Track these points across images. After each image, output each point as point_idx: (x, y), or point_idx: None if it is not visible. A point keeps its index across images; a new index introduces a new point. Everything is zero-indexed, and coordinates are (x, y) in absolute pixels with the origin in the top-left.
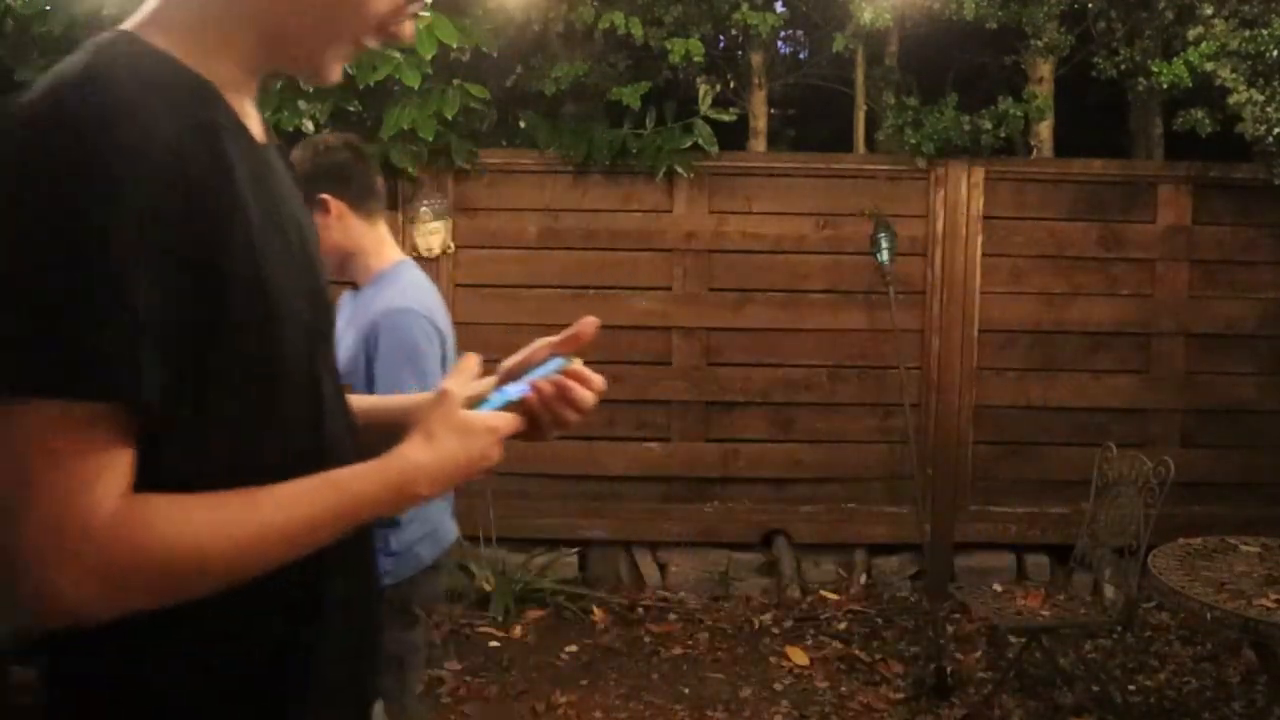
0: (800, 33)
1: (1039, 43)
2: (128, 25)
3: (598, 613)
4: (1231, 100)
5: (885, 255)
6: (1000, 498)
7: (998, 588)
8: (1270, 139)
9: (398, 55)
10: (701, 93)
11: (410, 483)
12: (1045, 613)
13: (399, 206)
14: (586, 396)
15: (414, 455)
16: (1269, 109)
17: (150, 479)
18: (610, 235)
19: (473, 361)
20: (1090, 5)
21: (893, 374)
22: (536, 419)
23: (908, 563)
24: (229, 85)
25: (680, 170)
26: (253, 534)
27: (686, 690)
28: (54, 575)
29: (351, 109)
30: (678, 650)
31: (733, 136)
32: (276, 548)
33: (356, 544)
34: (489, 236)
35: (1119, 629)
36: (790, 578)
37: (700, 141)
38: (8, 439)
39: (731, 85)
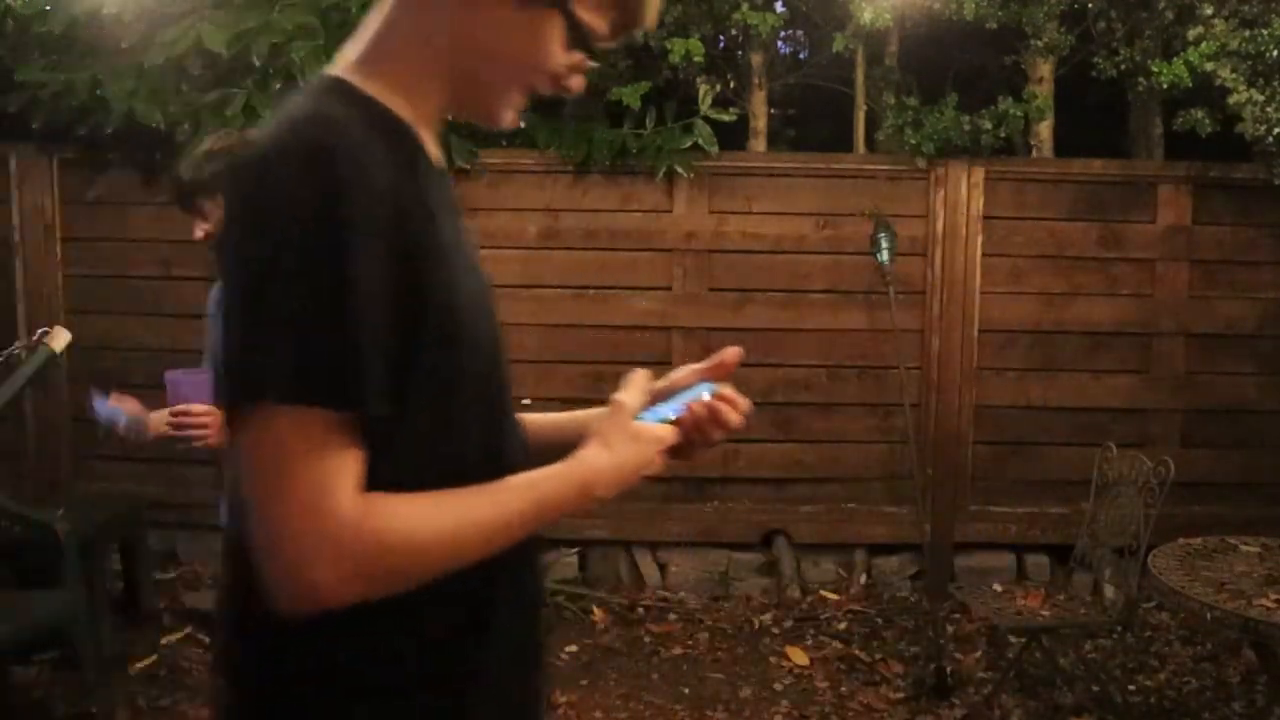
0: (800, 33)
1: (1039, 43)
2: (335, 72)
3: (598, 612)
4: (1231, 100)
5: (885, 255)
6: (1000, 498)
7: (998, 588)
8: (1270, 139)
9: None
10: (701, 93)
11: (591, 485)
12: (1045, 613)
13: None
14: (734, 419)
15: (594, 460)
16: (1269, 109)
17: (367, 482)
18: (610, 235)
19: (642, 377)
20: (1090, 5)
21: (893, 374)
22: (687, 438)
23: (908, 563)
24: (419, 123)
25: (680, 170)
26: (466, 528)
27: (686, 690)
28: (311, 562)
29: None
30: (678, 650)
31: (733, 136)
32: (483, 541)
33: (525, 544)
34: (489, 236)
35: (1119, 629)
36: (790, 578)
37: (700, 141)
38: (264, 440)
39: (731, 85)
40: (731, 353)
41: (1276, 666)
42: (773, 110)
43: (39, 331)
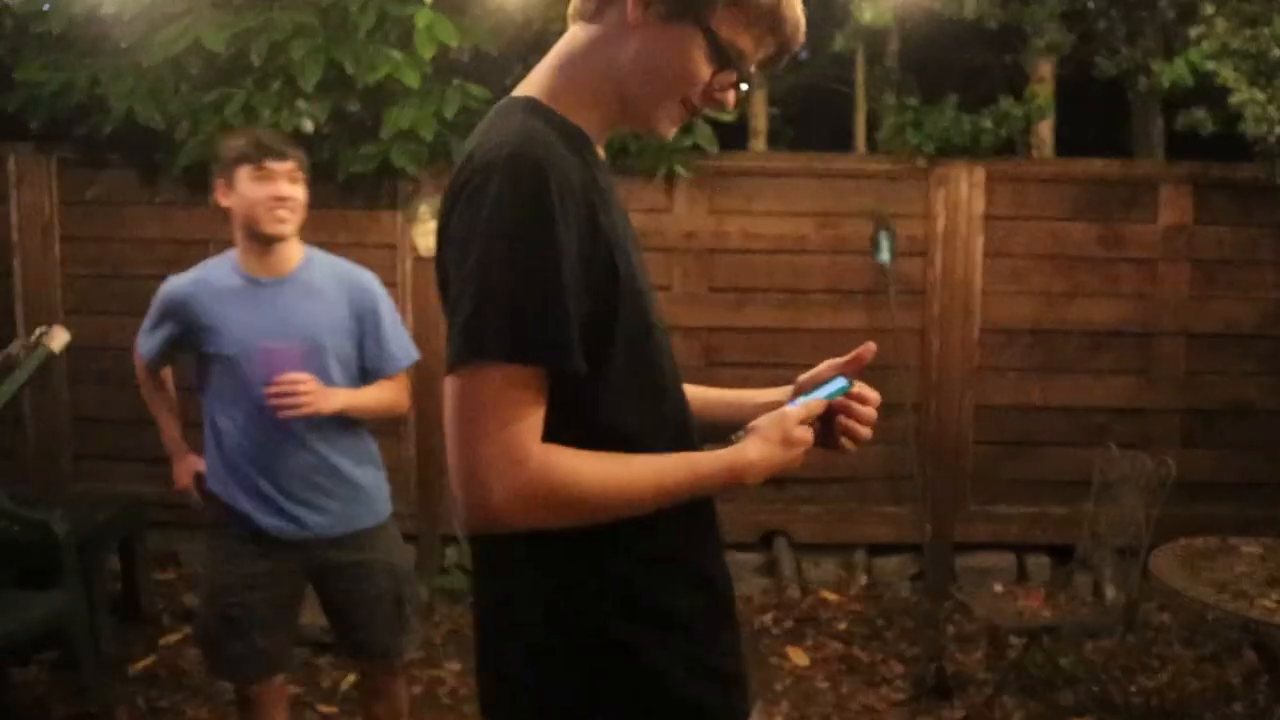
0: None
1: (1039, 42)
2: (523, 92)
3: None
4: (1233, 100)
5: (885, 255)
6: (1000, 498)
7: (998, 588)
8: (1271, 139)
9: (397, 55)
10: None
11: (741, 474)
12: (1046, 613)
13: (399, 206)
14: (870, 414)
15: (752, 454)
16: (1270, 108)
17: (551, 435)
18: None
19: (806, 377)
20: (1091, 5)
21: (893, 374)
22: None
23: (908, 563)
24: (593, 133)
25: (680, 170)
26: (625, 485)
27: None
28: (495, 491)
29: (351, 109)
30: None
31: (733, 136)
32: (637, 499)
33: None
34: None
35: (1120, 629)
36: (790, 578)
37: (700, 141)
38: (476, 389)
39: None
40: (868, 348)
41: (1277, 667)
42: (773, 110)
43: (38, 331)
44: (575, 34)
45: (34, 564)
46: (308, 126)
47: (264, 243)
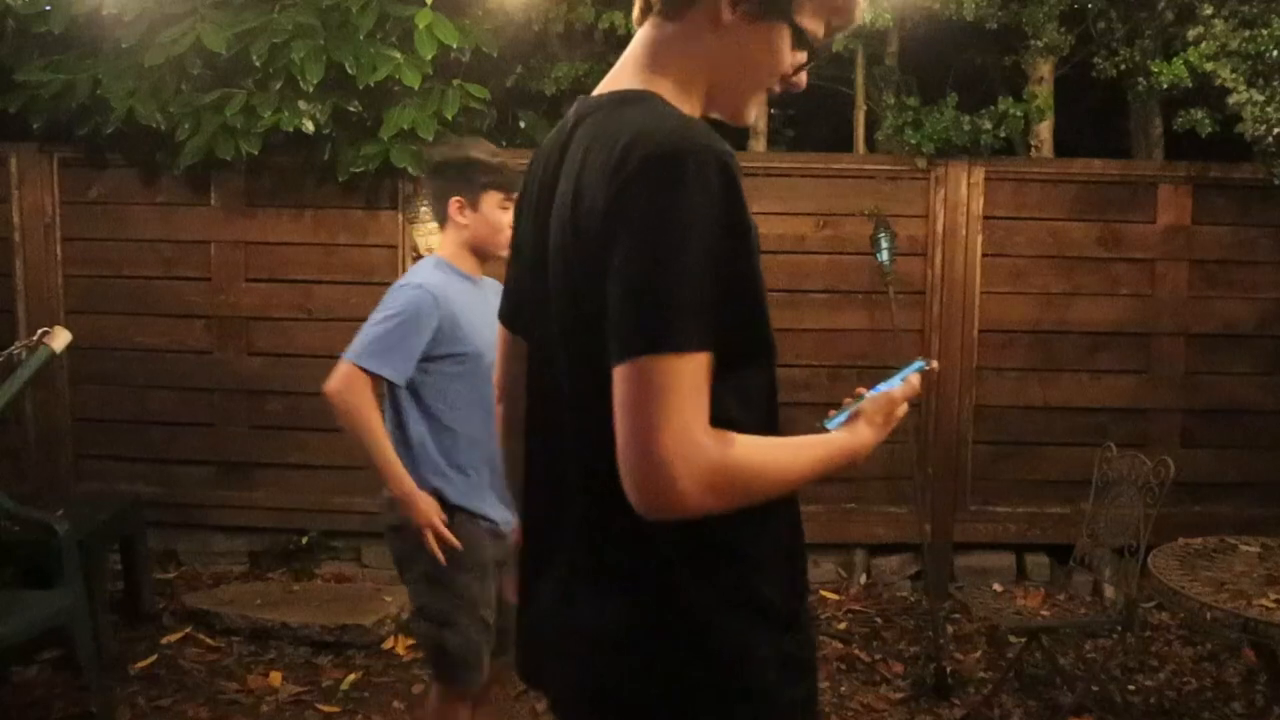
0: None
1: (1039, 43)
2: (613, 88)
3: None
4: (1231, 100)
5: (885, 255)
6: (1000, 498)
7: (998, 588)
8: (1270, 139)
9: (398, 55)
10: None
11: (857, 455)
12: (1045, 613)
13: (399, 206)
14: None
15: (865, 436)
16: (1269, 109)
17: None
18: None
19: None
20: (1090, 5)
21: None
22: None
23: (908, 563)
24: None
25: None
26: (784, 467)
27: None
28: (678, 475)
29: (352, 109)
30: None
31: (732, 137)
32: (791, 481)
33: None
34: None
35: (1119, 629)
36: None
37: None
38: (662, 377)
39: None
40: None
41: (1276, 666)
42: (773, 110)
43: (39, 331)
44: (653, 33)
45: (35, 564)
46: (308, 127)
47: (482, 258)
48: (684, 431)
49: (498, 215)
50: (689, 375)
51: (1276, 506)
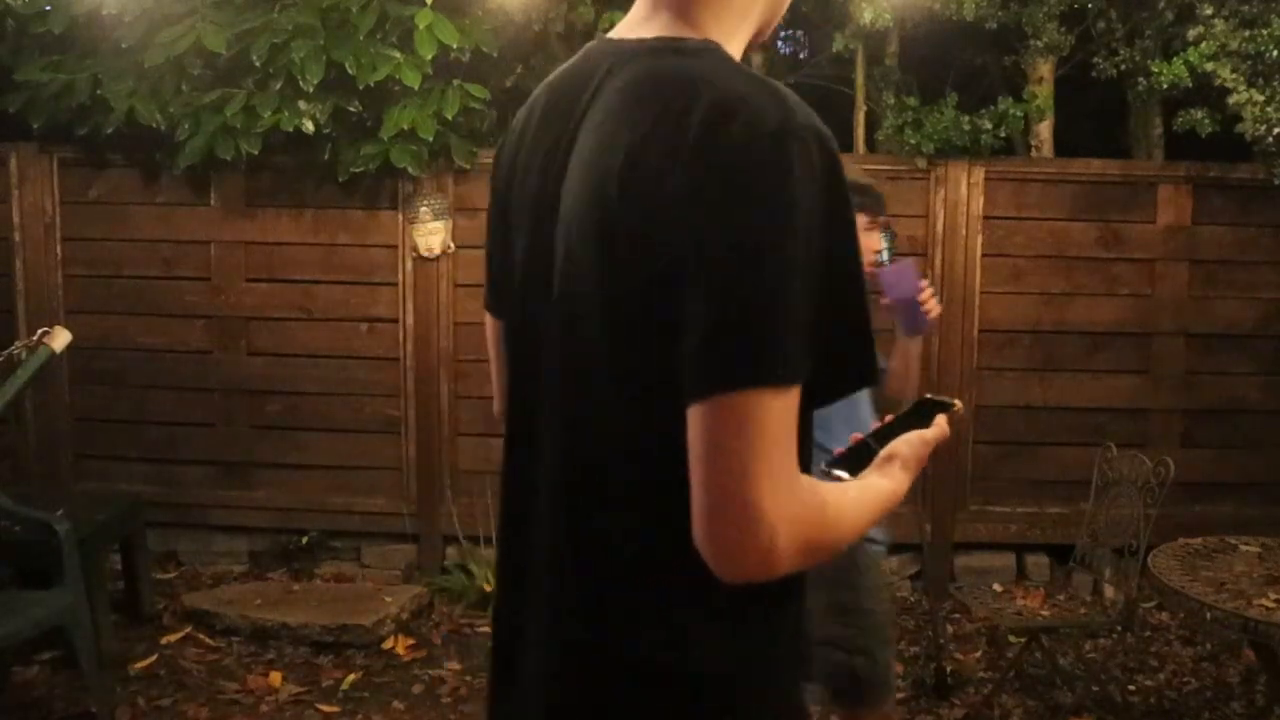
0: (800, 33)
1: (1039, 43)
2: (694, 34)
3: None
4: (1231, 100)
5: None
6: (1000, 498)
7: (998, 588)
8: (1270, 139)
9: (398, 55)
10: None
11: (898, 499)
12: (1045, 613)
13: (399, 206)
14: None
15: (906, 481)
16: (1269, 109)
17: None
18: None
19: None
20: (1090, 5)
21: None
22: None
23: (908, 563)
24: None
25: None
26: (857, 517)
27: None
28: (779, 532)
29: (351, 109)
30: None
31: None
32: (858, 534)
33: None
34: None
35: (1119, 629)
36: None
37: None
38: (750, 420)
39: None
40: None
41: (1276, 666)
42: None
43: (39, 331)
44: None
45: (35, 563)
46: (308, 127)
47: None
48: (784, 480)
49: (861, 237)
50: (785, 412)
51: (1276, 506)
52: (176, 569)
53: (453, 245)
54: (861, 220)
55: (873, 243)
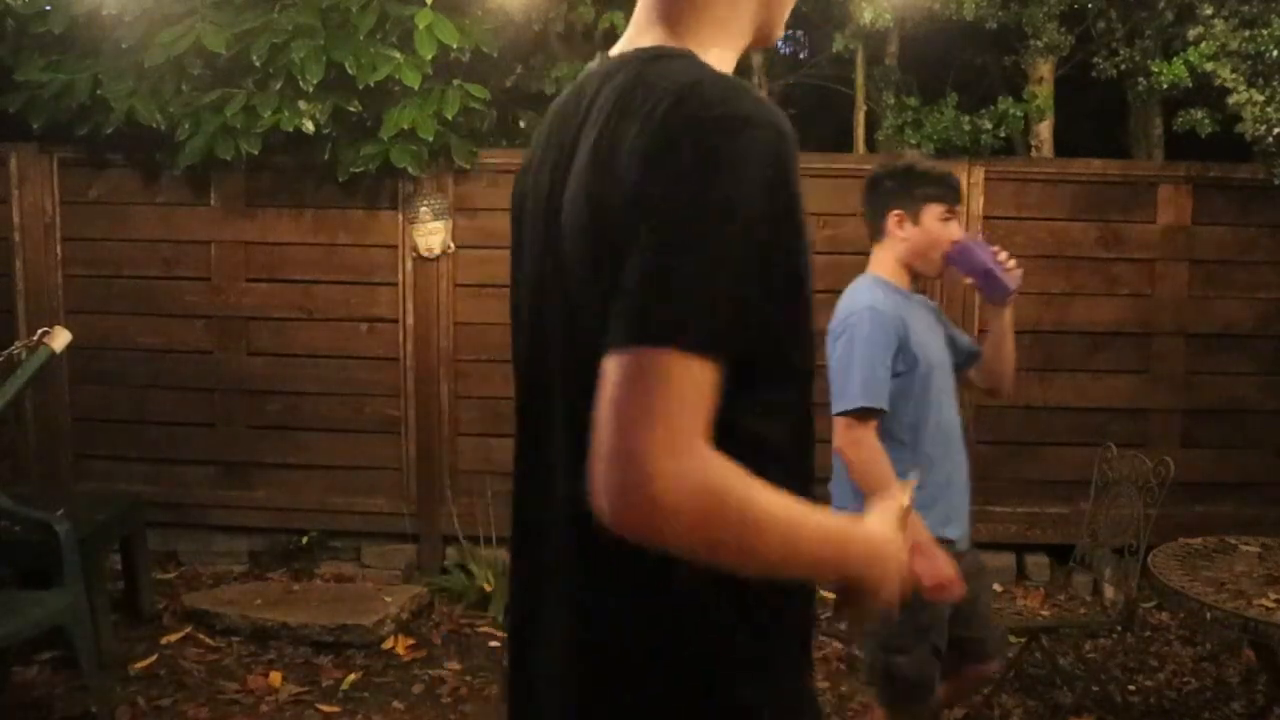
0: (800, 33)
1: (1039, 43)
2: (677, 44)
3: None
4: (1231, 100)
5: None
6: (1000, 498)
7: (998, 587)
8: (1270, 139)
9: (398, 55)
10: None
11: (881, 554)
12: (1045, 612)
13: (399, 206)
14: None
15: (891, 537)
16: (1269, 109)
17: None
18: None
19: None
20: (1090, 5)
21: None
22: None
23: None
24: None
25: None
26: (790, 523)
27: None
28: (661, 473)
29: (351, 109)
30: None
31: None
32: (788, 545)
33: None
34: (489, 236)
35: (1119, 629)
36: None
37: None
38: (656, 373)
39: None
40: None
41: (1276, 666)
42: None
43: (39, 331)
44: None
45: (35, 564)
46: (308, 127)
47: (915, 275)
48: (683, 443)
49: (938, 229)
50: (693, 381)
51: (1276, 506)
52: (176, 569)
53: (453, 245)
54: (937, 210)
55: (951, 232)
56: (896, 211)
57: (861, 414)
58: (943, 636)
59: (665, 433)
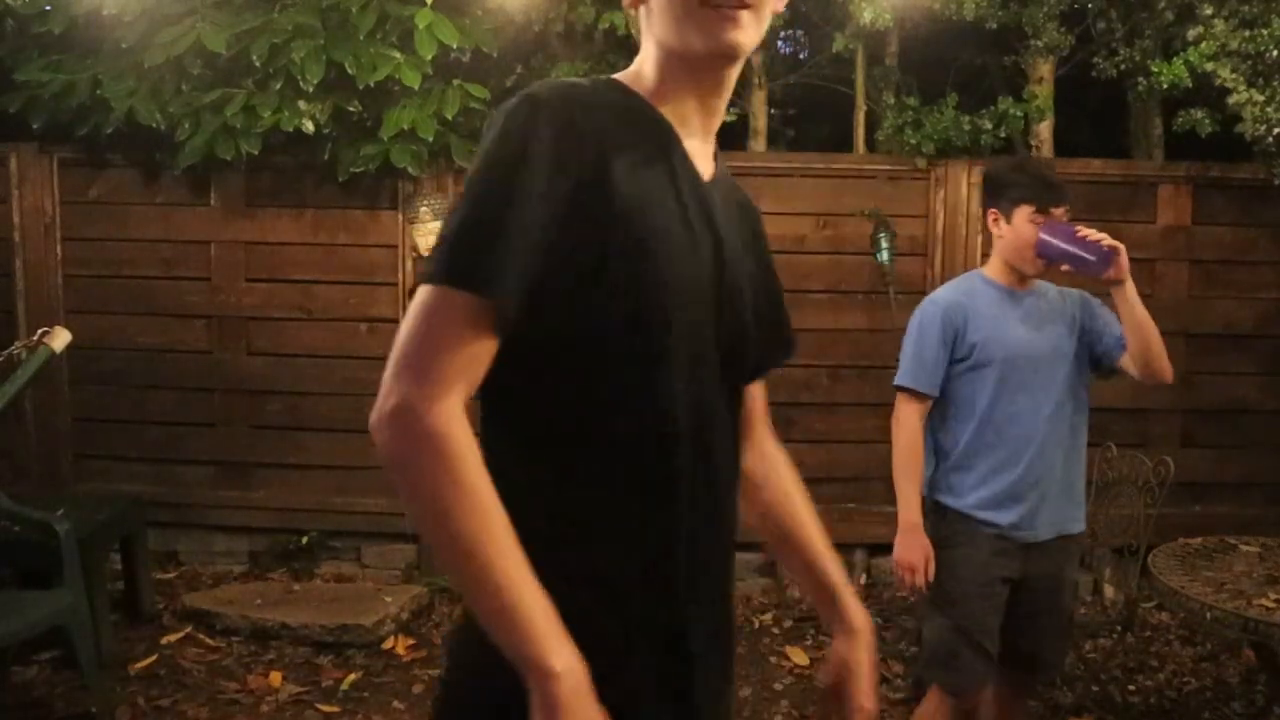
0: (800, 33)
1: (1039, 43)
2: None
3: None
4: (1231, 100)
5: (885, 255)
6: None
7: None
8: (1270, 139)
9: (398, 55)
10: None
11: (534, 671)
12: None
13: (399, 206)
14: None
15: (554, 685)
16: (1269, 109)
17: (498, 431)
18: None
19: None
20: (1090, 5)
21: (892, 373)
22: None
23: None
24: (683, 126)
25: None
26: (475, 540)
27: None
28: (395, 401)
29: (351, 109)
30: None
31: (733, 136)
32: (460, 561)
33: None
34: None
35: (1119, 629)
36: (790, 578)
37: None
38: (419, 307)
39: None
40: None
41: (1276, 666)
42: (772, 110)
43: (39, 331)
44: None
45: (35, 564)
46: (308, 127)
47: (1018, 275)
48: (429, 373)
49: (1029, 230)
50: (468, 320)
51: (1276, 506)
52: (176, 569)
53: None
54: (1027, 210)
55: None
56: (993, 211)
57: (905, 393)
58: (991, 639)
59: (416, 360)
